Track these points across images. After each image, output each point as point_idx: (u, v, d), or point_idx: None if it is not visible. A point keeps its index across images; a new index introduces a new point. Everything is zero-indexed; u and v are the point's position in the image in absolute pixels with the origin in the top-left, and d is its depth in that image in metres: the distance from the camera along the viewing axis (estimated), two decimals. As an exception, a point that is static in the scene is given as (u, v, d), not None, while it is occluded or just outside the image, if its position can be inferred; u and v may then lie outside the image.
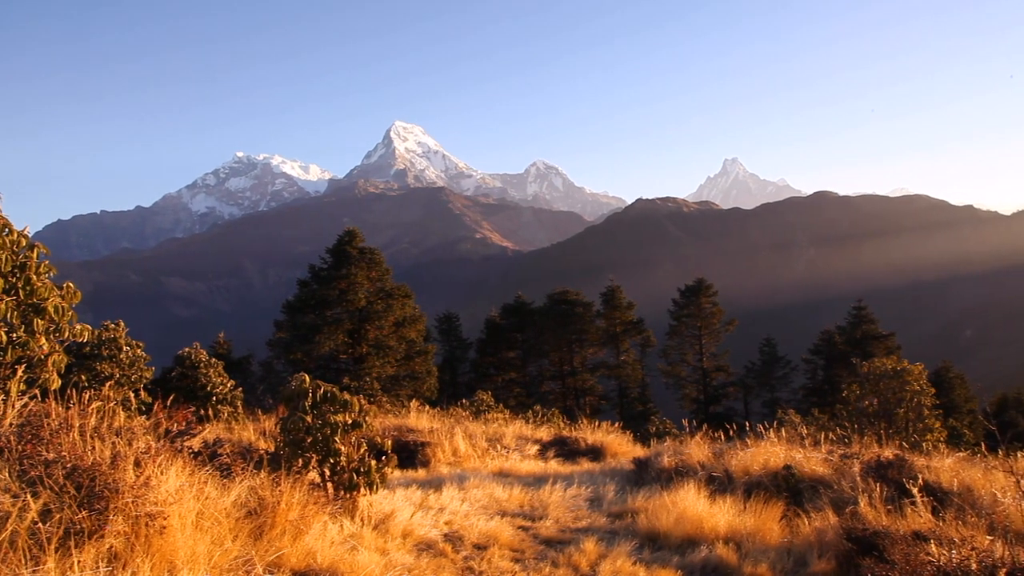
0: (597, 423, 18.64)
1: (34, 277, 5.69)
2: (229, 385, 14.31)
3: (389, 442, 7.49)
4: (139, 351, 12.48)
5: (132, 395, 9.17)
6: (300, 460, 6.63)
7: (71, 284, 6.11)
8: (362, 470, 6.82)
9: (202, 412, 12.37)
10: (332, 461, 6.74)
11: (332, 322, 30.13)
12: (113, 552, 4.23)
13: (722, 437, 13.35)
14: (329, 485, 6.75)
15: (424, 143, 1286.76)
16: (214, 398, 13.66)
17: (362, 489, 6.83)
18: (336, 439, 6.71)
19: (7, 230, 5.53)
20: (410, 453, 12.76)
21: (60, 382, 5.75)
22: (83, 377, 10.90)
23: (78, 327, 6.10)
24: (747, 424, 13.02)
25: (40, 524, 3.94)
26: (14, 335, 5.55)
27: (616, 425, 18.73)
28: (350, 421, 6.87)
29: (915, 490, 7.63)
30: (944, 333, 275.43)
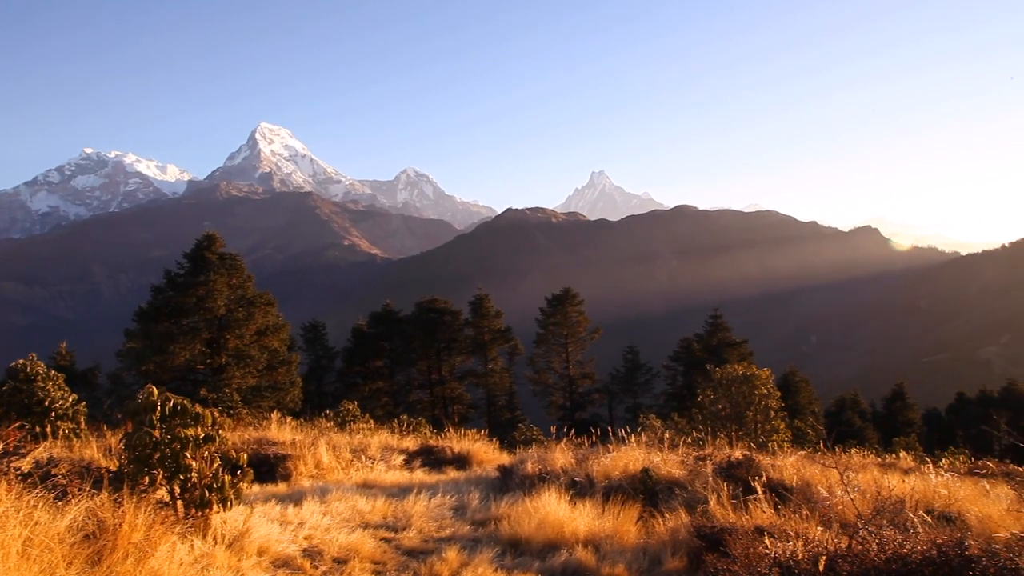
0: (464, 432, 18.66)
1: None
2: (71, 399, 13.29)
3: (245, 456, 7.18)
4: (-35, 363, 11.41)
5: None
6: (147, 478, 6.26)
7: None
8: (215, 486, 6.52)
9: (38, 429, 11.43)
10: (182, 478, 6.41)
11: (189, 331, 28.68)
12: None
13: (587, 443, 13.68)
14: (179, 503, 6.42)
15: (291, 146, 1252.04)
16: (52, 414, 12.65)
17: (215, 506, 6.53)
18: (187, 454, 6.40)
19: None
20: (270, 467, 12.31)
21: None
22: None
23: None
24: (611, 429, 13.38)
25: None
26: None
27: (483, 433, 18.83)
28: (202, 435, 6.57)
29: (759, 487, 8.10)
30: (791, 339, 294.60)
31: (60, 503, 5.34)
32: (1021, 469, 13.25)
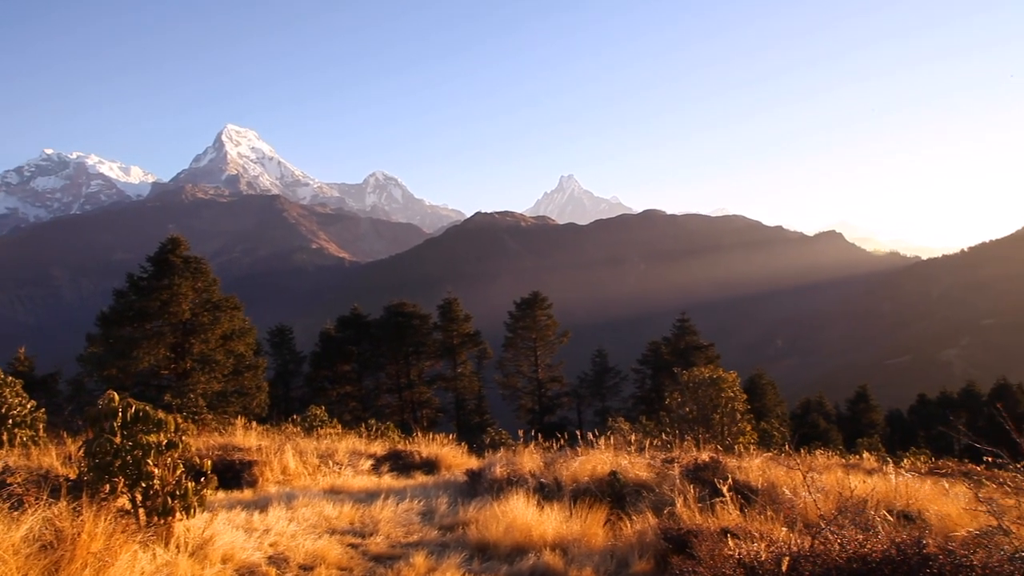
0: (433, 436, 18.58)
1: None
2: (29, 406, 12.98)
3: (209, 462, 7.08)
4: (-82, 369, 11.10)
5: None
6: (107, 485, 6.14)
7: None
8: (178, 493, 6.41)
9: (-7, 437, 11.18)
10: (144, 485, 6.29)
11: (152, 335, 28.21)
12: None
13: (555, 446, 13.70)
14: (141, 511, 6.30)
15: (258, 148, 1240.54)
16: (10, 421, 12.35)
17: (178, 513, 6.41)
18: (149, 461, 6.28)
19: None
20: (236, 473, 12.14)
21: None
22: None
23: None
24: (579, 433, 13.42)
25: None
26: None
27: (452, 437, 18.77)
28: (165, 441, 6.45)
29: (725, 489, 8.18)
30: (758, 343, 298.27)
31: (16, 513, 5.22)
32: (979, 468, 13.53)
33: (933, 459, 21.47)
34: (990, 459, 6.04)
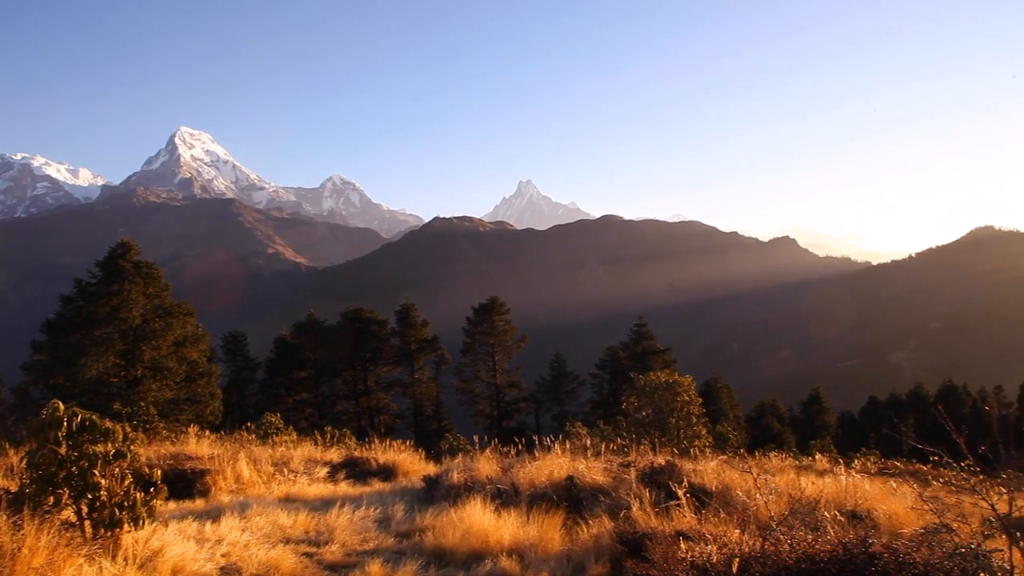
0: (391, 442, 18.45)
1: None
2: (-30, 415, 12.65)
3: (159, 472, 6.93)
4: None
5: None
6: (51, 497, 5.97)
7: None
8: (126, 504, 6.26)
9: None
10: (90, 496, 6.13)
11: (101, 342, 27.53)
12: None
13: (513, 451, 13.71)
14: (87, 523, 6.14)
15: (213, 151, 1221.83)
16: (-50, 431, 12.02)
17: (126, 525, 6.26)
18: (95, 472, 6.12)
19: None
20: (188, 482, 11.91)
21: None
22: None
23: None
24: (537, 438, 13.44)
25: None
26: None
27: (410, 443, 18.65)
28: (112, 451, 6.30)
29: (680, 492, 8.26)
30: (714, 346, 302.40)
31: (-48, 528, 5.05)
32: (925, 468, 13.91)
33: (883, 459, 21.97)
34: (935, 459, 6.24)
